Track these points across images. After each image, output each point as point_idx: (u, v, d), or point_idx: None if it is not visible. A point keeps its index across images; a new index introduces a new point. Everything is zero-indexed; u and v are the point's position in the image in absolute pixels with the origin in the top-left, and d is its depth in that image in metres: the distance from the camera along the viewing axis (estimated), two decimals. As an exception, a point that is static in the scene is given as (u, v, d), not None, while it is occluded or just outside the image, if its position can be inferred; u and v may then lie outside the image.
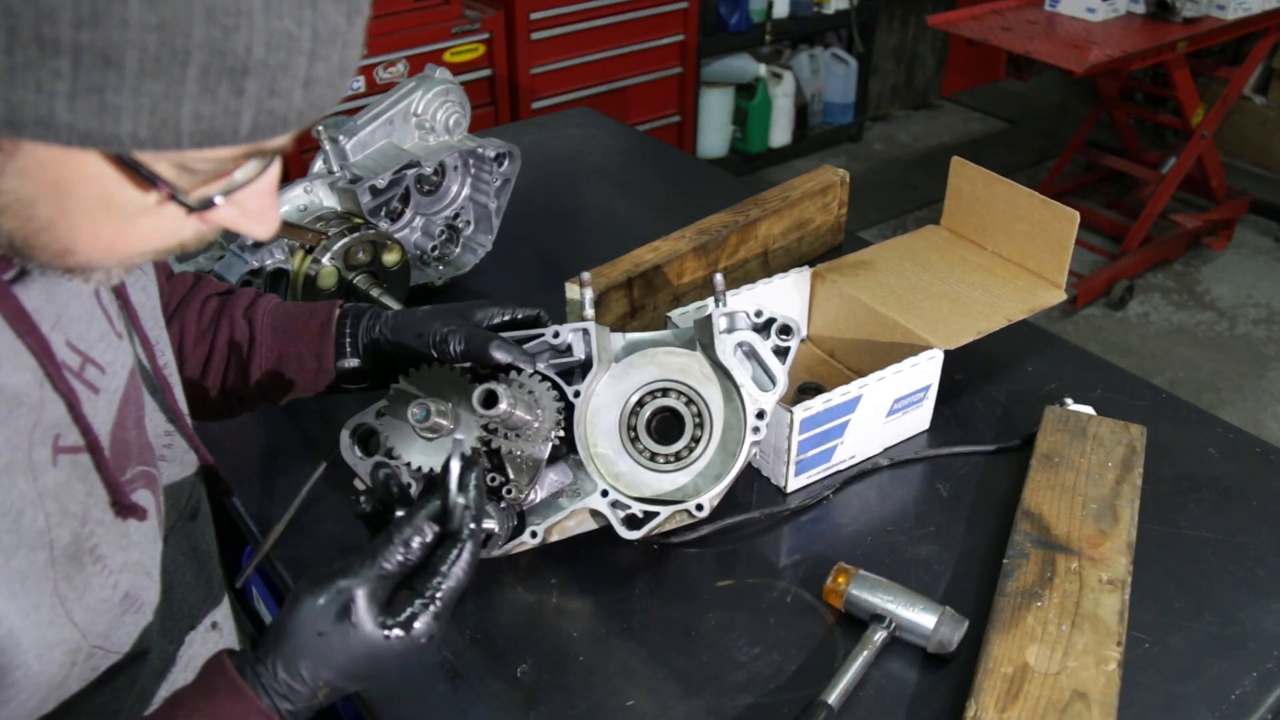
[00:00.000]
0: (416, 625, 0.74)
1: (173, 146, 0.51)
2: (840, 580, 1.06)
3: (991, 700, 0.94)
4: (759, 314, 1.08)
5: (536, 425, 1.03)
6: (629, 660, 1.04)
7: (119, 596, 0.75)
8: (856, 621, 1.05)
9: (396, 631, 0.73)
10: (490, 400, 0.95)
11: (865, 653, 1.01)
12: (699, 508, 1.04)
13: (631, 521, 1.05)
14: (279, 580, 1.15)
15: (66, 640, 0.70)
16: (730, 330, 1.07)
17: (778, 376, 1.07)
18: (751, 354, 1.08)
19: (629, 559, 1.15)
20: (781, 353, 1.08)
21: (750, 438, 1.06)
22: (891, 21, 5.10)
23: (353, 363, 1.08)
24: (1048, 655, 0.98)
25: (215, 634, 0.98)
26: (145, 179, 0.54)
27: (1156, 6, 3.50)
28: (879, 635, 1.02)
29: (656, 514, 1.05)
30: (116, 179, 0.54)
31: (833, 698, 0.97)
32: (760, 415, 1.06)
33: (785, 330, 1.08)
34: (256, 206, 0.62)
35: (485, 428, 1.01)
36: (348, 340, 1.08)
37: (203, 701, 0.71)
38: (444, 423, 0.98)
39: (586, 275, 1.09)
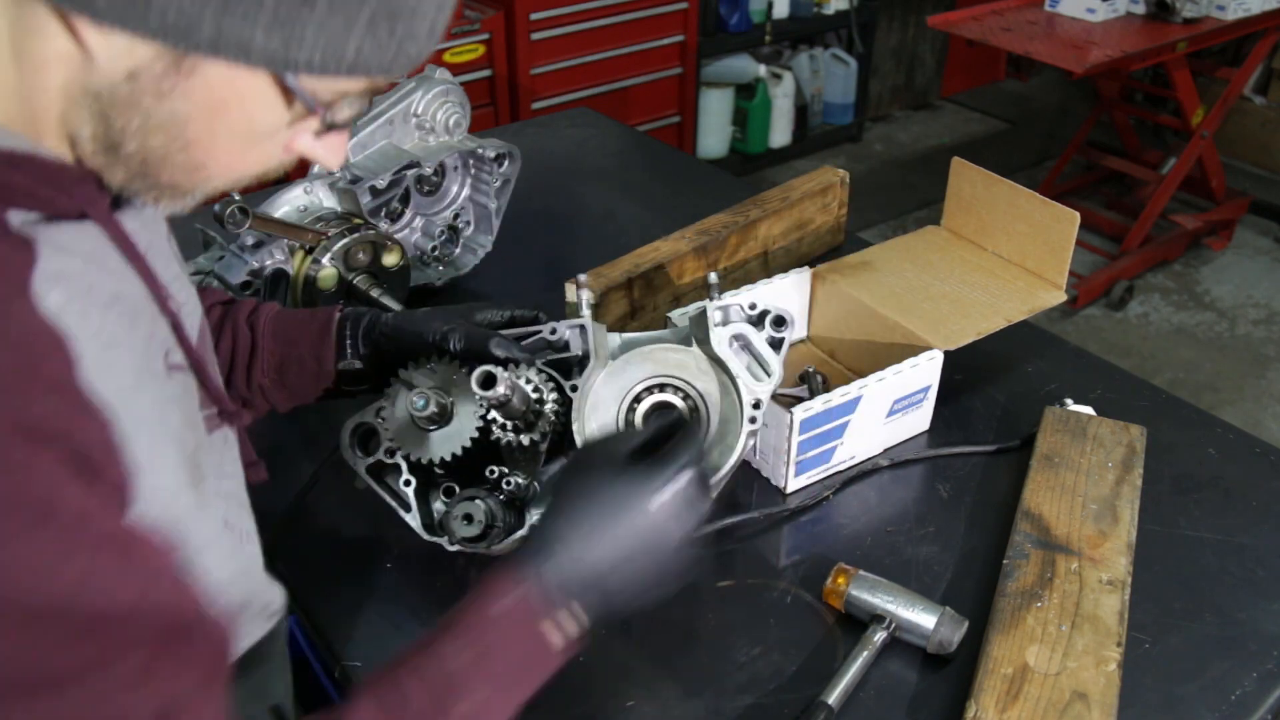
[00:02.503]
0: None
1: (334, 72, 0.60)
2: (840, 581, 1.06)
3: (991, 701, 0.94)
4: (753, 307, 1.10)
5: (534, 416, 1.03)
6: (629, 661, 1.04)
7: (220, 521, 0.77)
8: (856, 622, 1.05)
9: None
10: (489, 381, 0.96)
11: (865, 653, 1.01)
12: None
13: None
14: (278, 581, 1.15)
15: (218, 542, 0.73)
16: (725, 323, 1.09)
17: (773, 367, 1.08)
18: (747, 346, 1.09)
19: (629, 559, 1.15)
20: (776, 344, 1.09)
21: (747, 427, 1.07)
22: (891, 22, 5.10)
23: (353, 364, 1.08)
24: (1048, 656, 0.98)
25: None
26: (305, 102, 0.63)
27: (1156, 7, 3.49)
28: (879, 636, 1.02)
29: None
30: (267, 103, 0.63)
31: (833, 698, 0.97)
32: (756, 405, 1.07)
33: (779, 321, 1.09)
34: (338, 141, 0.71)
35: (484, 418, 1.01)
36: (348, 342, 1.09)
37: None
38: (441, 417, 0.99)
39: (583, 277, 1.10)
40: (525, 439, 1.04)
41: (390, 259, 1.43)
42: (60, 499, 0.54)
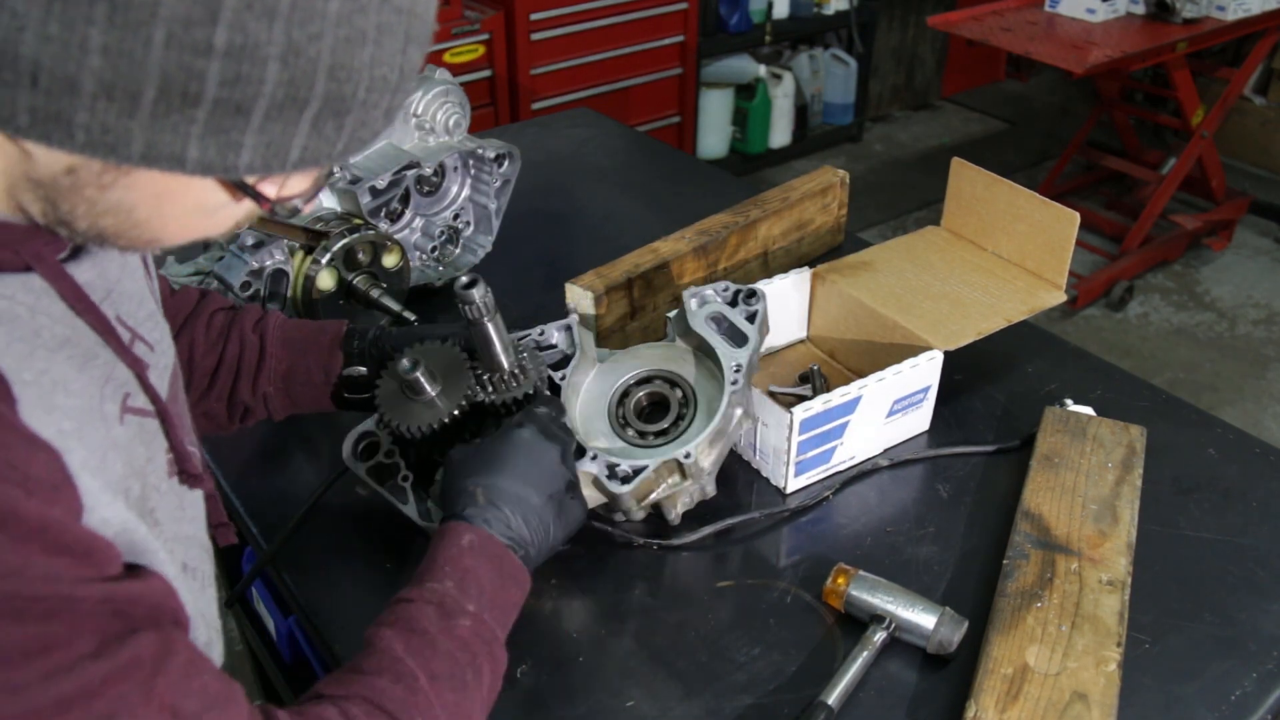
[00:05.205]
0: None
1: (278, 172, 0.60)
2: (840, 581, 1.06)
3: (991, 701, 0.94)
4: (726, 288, 1.19)
5: (516, 382, 1.07)
6: (629, 661, 1.04)
7: (177, 564, 0.75)
8: (856, 622, 1.05)
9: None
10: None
11: (865, 653, 1.01)
12: (687, 455, 1.08)
13: (623, 479, 1.07)
14: (279, 582, 1.15)
15: (180, 583, 0.71)
16: (702, 305, 1.17)
17: (750, 335, 1.15)
18: (725, 324, 1.16)
19: (628, 560, 1.15)
20: (752, 317, 1.16)
21: (729, 389, 1.11)
22: (891, 22, 5.10)
23: (358, 370, 1.10)
24: (1048, 656, 0.98)
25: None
26: (252, 197, 0.63)
27: (1156, 7, 3.50)
28: (879, 636, 1.02)
29: (645, 466, 1.07)
30: (216, 190, 0.63)
31: (833, 698, 0.97)
32: (738, 369, 1.12)
33: (750, 295, 1.18)
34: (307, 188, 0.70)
35: (468, 399, 1.04)
36: (355, 351, 1.12)
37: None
38: (427, 386, 1.03)
39: (584, 292, 1.16)
40: (508, 399, 1.07)
41: (390, 259, 1.43)
42: (20, 511, 0.55)
